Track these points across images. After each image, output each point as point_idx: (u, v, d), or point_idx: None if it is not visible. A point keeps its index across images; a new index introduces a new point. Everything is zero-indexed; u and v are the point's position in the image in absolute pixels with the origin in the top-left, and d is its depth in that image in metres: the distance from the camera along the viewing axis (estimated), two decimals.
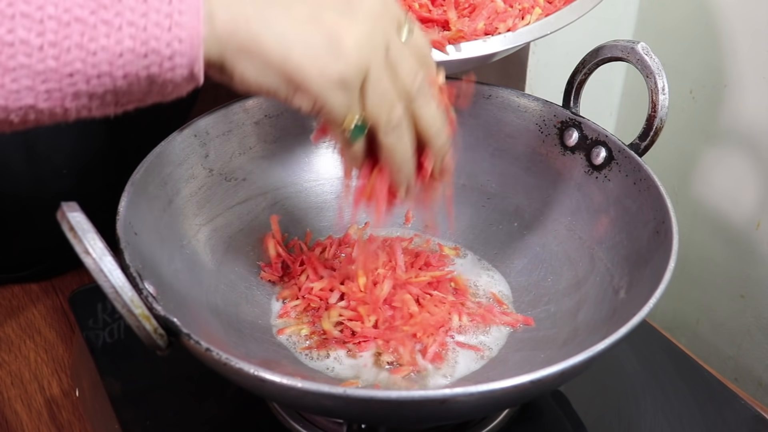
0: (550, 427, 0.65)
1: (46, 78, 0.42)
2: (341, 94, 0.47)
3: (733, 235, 0.88)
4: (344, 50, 0.46)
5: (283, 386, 0.46)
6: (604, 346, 0.49)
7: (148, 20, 0.42)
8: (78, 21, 0.41)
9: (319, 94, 0.46)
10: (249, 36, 0.45)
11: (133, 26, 0.42)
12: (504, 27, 0.59)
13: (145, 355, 0.58)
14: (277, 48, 0.45)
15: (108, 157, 0.80)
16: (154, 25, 0.42)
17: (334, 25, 0.46)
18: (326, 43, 0.46)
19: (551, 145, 0.71)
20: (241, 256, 0.70)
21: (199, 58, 0.44)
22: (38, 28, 0.40)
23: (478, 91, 0.74)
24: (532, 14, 0.61)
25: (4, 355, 0.76)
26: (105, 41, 0.42)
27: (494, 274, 0.71)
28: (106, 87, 0.43)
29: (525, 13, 0.61)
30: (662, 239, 0.59)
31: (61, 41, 0.41)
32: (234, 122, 0.71)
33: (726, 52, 0.83)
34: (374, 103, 0.48)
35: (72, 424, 0.69)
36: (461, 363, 0.62)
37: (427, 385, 0.60)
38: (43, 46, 0.41)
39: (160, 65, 0.43)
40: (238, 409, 0.64)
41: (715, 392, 0.67)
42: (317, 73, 0.46)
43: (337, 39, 0.46)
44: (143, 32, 0.42)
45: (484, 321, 0.65)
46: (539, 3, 0.62)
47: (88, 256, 0.46)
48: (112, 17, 0.41)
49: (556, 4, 0.62)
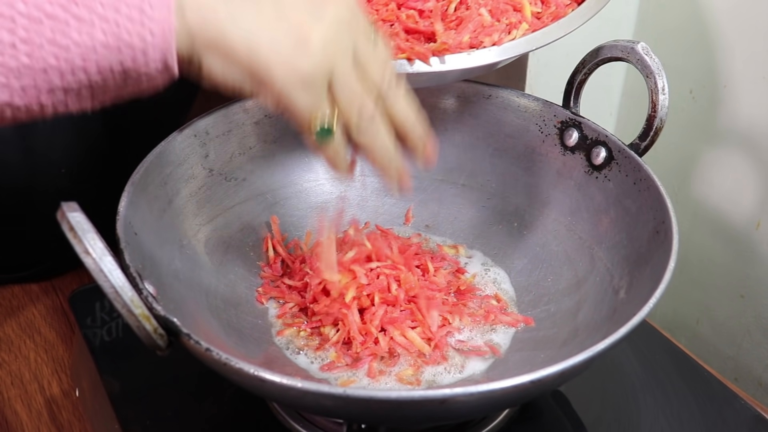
0: (550, 427, 0.65)
1: (20, 75, 0.42)
2: (305, 92, 0.47)
3: (733, 235, 0.88)
4: (310, 48, 0.46)
5: (283, 386, 0.46)
6: (604, 346, 0.49)
7: (119, 14, 0.42)
8: (49, 17, 0.41)
9: (283, 91, 0.47)
10: (217, 31, 0.45)
11: (105, 21, 0.42)
12: (489, 41, 0.60)
13: (145, 355, 0.58)
14: (244, 43, 0.46)
15: (107, 157, 0.80)
16: (126, 19, 0.42)
17: (301, 24, 0.46)
18: (293, 41, 0.46)
19: (551, 145, 0.71)
20: (241, 256, 0.70)
21: (172, 51, 0.44)
22: (9, 26, 0.41)
23: (478, 91, 0.74)
24: (519, 29, 0.61)
25: (4, 355, 0.76)
26: (77, 37, 0.42)
27: (497, 273, 0.71)
28: (81, 82, 0.44)
29: (512, 28, 0.61)
30: (662, 239, 0.59)
31: (33, 38, 0.41)
32: (234, 122, 0.71)
33: (726, 52, 0.83)
34: (343, 103, 0.49)
35: (72, 424, 0.69)
36: (462, 363, 0.62)
37: (429, 386, 0.60)
38: (15, 43, 0.41)
39: (133, 59, 0.44)
40: (238, 409, 0.64)
41: (715, 392, 0.67)
42: (281, 70, 0.46)
43: (303, 38, 0.46)
44: (115, 27, 0.42)
45: (485, 320, 0.66)
46: (527, 18, 0.62)
47: (88, 256, 0.46)
48: (84, 13, 0.42)
49: (544, 20, 0.62)
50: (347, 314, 0.62)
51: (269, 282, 0.69)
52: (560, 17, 0.62)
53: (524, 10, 0.62)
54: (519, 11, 0.63)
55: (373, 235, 0.69)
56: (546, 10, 0.63)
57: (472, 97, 0.74)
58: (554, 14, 0.63)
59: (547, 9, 0.63)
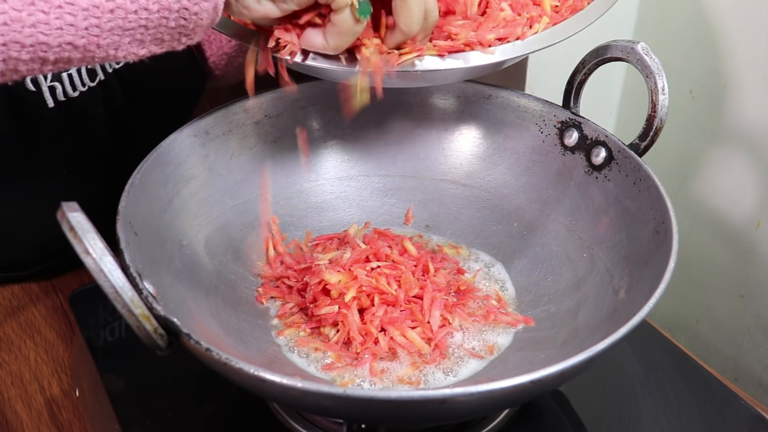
0: (550, 427, 0.65)
1: (89, 15, 0.46)
2: None
3: (733, 235, 0.88)
4: None
5: (283, 386, 0.46)
6: (604, 346, 0.49)
7: None
8: None
9: None
10: None
11: None
12: (513, 36, 0.60)
13: (145, 356, 0.58)
14: None
15: (108, 157, 0.80)
16: None
17: None
18: None
19: (551, 145, 0.71)
20: (241, 256, 0.70)
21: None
22: None
23: (478, 91, 0.74)
24: (540, 23, 0.61)
25: (4, 355, 0.76)
26: None
27: (497, 273, 0.71)
28: (141, 21, 0.47)
29: (533, 22, 0.61)
30: (662, 239, 0.59)
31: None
32: (234, 122, 0.71)
33: (726, 52, 0.83)
34: None
35: (72, 424, 0.69)
36: (462, 363, 0.62)
37: (429, 385, 0.60)
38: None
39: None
40: (238, 409, 0.64)
41: (715, 392, 0.67)
42: None
43: None
44: None
45: (485, 320, 0.66)
46: (546, 12, 0.62)
47: (88, 256, 0.46)
48: None
49: (563, 14, 0.62)
50: (347, 314, 0.62)
51: (269, 282, 0.69)
52: (578, 10, 0.62)
53: (544, 4, 0.63)
54: (538, 5, 0.63)
55: (371, 237, 0.69)
56: (564, 3, 0.63)
57: (472, 97, 0.75)
58: (572, 7, 0.63)
59: (566, 2, 0.63)
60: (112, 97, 0.78)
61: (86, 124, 0.77)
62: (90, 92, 0.76)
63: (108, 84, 0.77)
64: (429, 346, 0.62)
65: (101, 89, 0.77)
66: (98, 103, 0.77)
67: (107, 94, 0.77)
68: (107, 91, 0.77)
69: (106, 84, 0.77)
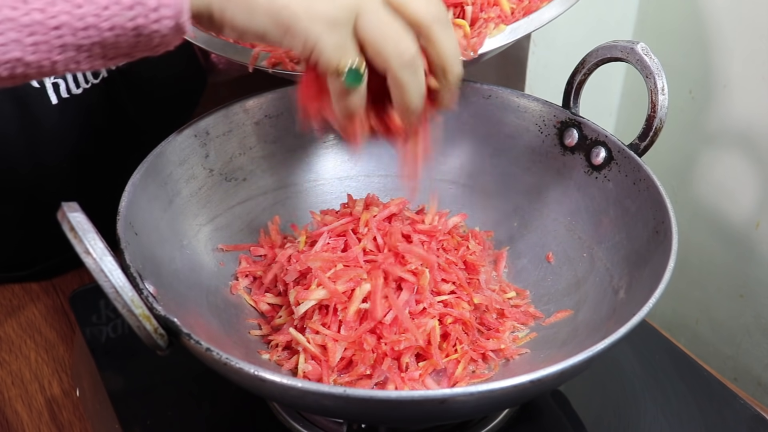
0: (550, 427, 0.65)
1: (32, 31, 0.43)
2: (332, 33, 0.46)
3: (732, 235, 0.88)
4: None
5: (283, 386, 0.46)
6: (604, 346, 0.49)
7: None
8: None
9: (309, 33, 0.46)
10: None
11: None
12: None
13: (145, 355, 0.58)
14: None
15: (108, 157, 0.81)
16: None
17: None
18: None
19: (551, 145, 0.72)
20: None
21: (185, 9, 0.45)
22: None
23: (478, 91, 0.74)
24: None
25: (5, 355, 0.76)
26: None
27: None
28: (93, 39, 0.44)
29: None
30: (662, 239, 0.59)
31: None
32: (234, 122, 0.71)
33: (725, 52, 0.83)
34: (375, 38, 0.47)
35: (72, 424, 0.69)
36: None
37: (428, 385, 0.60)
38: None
39: (146, 16, 0.44)
40: (238, 409, 0.64)
41: (715, 392, 0.67)
42: (304, 11, 0.46)
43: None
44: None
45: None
46: (506, 13, 0.63)
47: (88, 256, 0.46)
48: None
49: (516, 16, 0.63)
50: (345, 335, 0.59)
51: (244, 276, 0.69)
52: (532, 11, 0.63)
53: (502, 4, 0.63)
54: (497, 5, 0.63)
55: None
56: (520, 3, 0.63)
57: (472, 97, 0.74)
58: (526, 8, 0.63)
59: (521, 3, 0.63)
60: (114, 94, 0.78)
61: (89, 120, 0.77)
62: (93, 89, 0.76)
63: (111, 81, 0.78)
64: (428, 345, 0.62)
65: (104, 86, 0.77)
66: (101, 100, 0.77)
67: (110, 91, 0.78)
68: (110, 88, 0.78)
69: (110, 81, 0.77)
